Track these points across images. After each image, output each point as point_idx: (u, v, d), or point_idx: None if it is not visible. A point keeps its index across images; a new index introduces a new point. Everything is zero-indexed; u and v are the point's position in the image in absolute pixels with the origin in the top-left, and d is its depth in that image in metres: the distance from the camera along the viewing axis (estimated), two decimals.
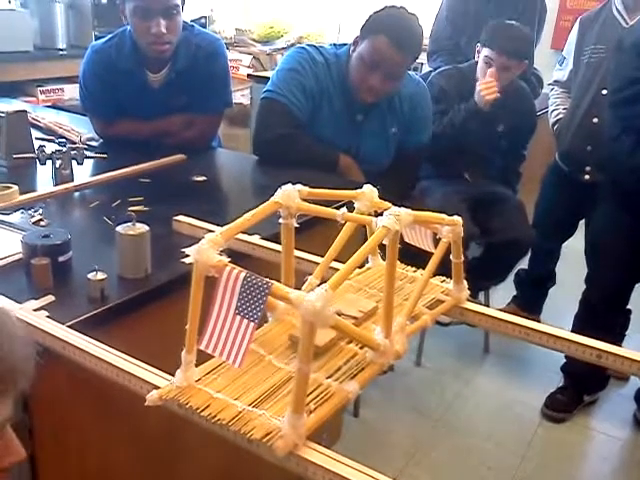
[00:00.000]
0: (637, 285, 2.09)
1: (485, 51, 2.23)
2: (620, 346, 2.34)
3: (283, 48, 4.32)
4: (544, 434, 2.13)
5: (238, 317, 0.69)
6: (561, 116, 2.42)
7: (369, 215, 0.96)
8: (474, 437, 2.09)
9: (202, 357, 0.77)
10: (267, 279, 0.69)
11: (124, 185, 1.57)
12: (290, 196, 0.88)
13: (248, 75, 3.78)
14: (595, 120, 2.25)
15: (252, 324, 0.69)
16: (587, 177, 2.34)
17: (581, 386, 2.24)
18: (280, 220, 0.90)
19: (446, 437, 2.08)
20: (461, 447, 2.04)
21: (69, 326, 0.90)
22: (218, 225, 0.85)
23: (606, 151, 2.04)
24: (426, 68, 3.03)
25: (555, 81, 2.51)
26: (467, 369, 2.44)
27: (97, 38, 1.98)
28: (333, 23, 4.70)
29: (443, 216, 0.95)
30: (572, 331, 2.11)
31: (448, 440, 2.07)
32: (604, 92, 2.19)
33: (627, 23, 2.19)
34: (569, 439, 2.13)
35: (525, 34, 2.27)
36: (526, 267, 2.71)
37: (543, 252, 2.65)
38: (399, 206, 0.85)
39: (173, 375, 0.75)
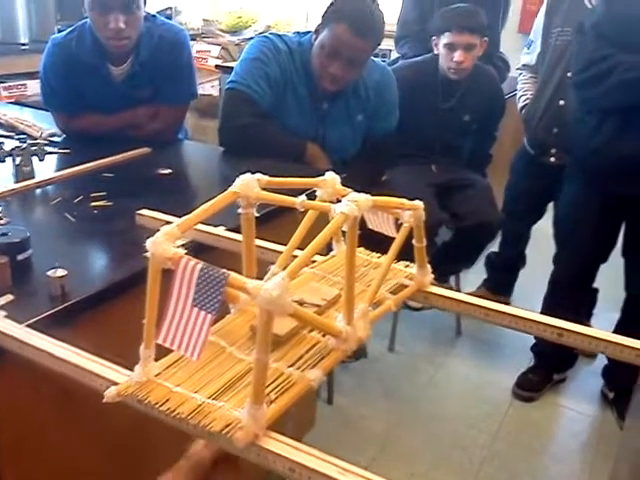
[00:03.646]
0: (605, 265, 2.13)
1: (444, 38, 2.24)
2: (588, 324, 2.40)
3: (251, 38, 4.27)
4: (515, 413, 2.17)
5: (195, 309, 0.69)
6: (529, 101, 2.45)
7: (332, 203, 0.96)
8: (447, 420, 2.12)
9: (165, 351, 0.76)
10: (224, 270, 0.69)
11: (87, 180, 1.54)
12: (249, 185, 0.87)
13: (216, 66, 3.74)
14: (561, 102, 2.28)
15: (210, 316, 0.68)
16: (553, 159, 2.37)
17: (550, 365, 2.29)
18: (239, 210, 0.90)
19: (419, 421, 2.11)
20: (434, 430, 2.07)
21: (29, 325, 0.88)
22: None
23: (571, 133, 2.07)
24: (394, 54, 3.03)
25: (523, 65, 2.53)
26: (439, 353, 2.48)
27: (60, 32, 1.94)
28: (301, 11, 4.67)
29: (403, 201, 0.96)
30: (541, 311, 2.17)
31: (421, 424, 2.09)
32: (570, 75, 2.22)
33: (592, 4, 2.21)
34: (539, 417, 2.17)
35: (476, 9, 2.29)
36: (496, 250, 2.74)
37: (513, 235, 2.69)
38: (366, 193, 0.85)
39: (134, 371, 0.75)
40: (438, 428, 2.08)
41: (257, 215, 0.92)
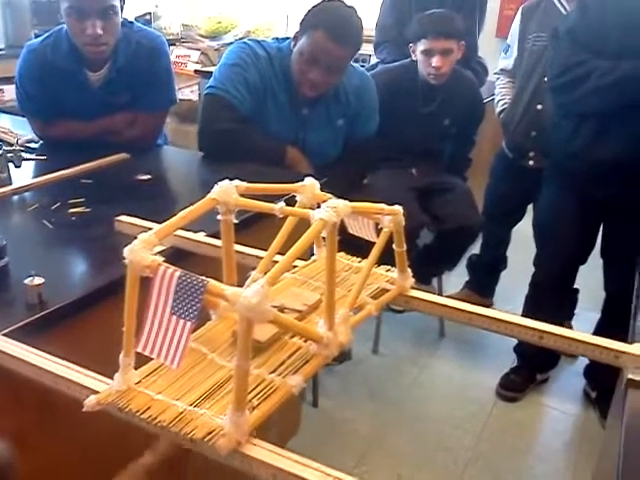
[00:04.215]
0: (584, 266, 2.16)
1: (421, 45, 2.25)
2: (570, 325, 2.42)
3: (231, 43, 4.26)
4: (499, 413, 2.18)
5: (174, 317, 0.68)
6: (507, 105, 2.47)
7: (311, 208, 0.96)
8: (432, 421, 2.13)
9: (145, 360, 0.76)
10: (203, 277, 0.69)
11: (65, 187, 1.53)
12: (227, 192, 0.87)
13: (195, 71, 3.74)
14: (539, 107, 2.30)
15: (189, 324, 0.68)
16: (531, 162, 2.39)
17: (533, 365, 2.31)
18: (218, 217, 0.90)
19: (404, 422, 2.11)
20: (419, 432, 2.07)
21: (5, 334, 0.87)
22: (162, 224, 0.84)
23: (549, 137, 2.09)
24: (374, 59, 3.05)
25: (501, 70, 2.55)
26: (423, 354, 2.48)
27: (37, 36, 1.92)
28: (281, 16, 4.68)
29: (383, 206, 0.96)
30: (523, 312, 2.17)
31: (406, 425, 2.10)
32: (546, 79, 2.25)
33: (566, 10, 2.24)
34: (523, 417, 2.19)
35: (452, 14, 2.31)
36: (478, 252, 2.76)
37: (494, 238, 2.71)
38: (347, 198, 0.85)
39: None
40: (423, 429, 2.09)
41: (236, 222, 0.92)
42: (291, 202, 0.95)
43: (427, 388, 2.30)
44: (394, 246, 1.02)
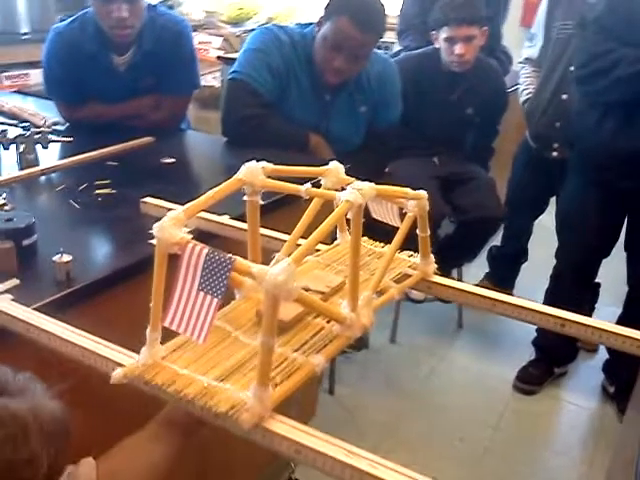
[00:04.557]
0: (606, 259, 2.13)
1: (443, 32, 2.23)
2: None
3: (253, 29, 4.26)
4: (515, 406, 2.18)
5: (202, 293, 0.69)
6: (531, 95, 2.45)
7: (336, 191, 0.96)
8: (447, 411, 2.13)
9: (170, 336, 0.77)
10: (230, 255, 0.69)
11: (91, 168, 1.55)
12: (254, 173, 0.88)
13: (218, 57, 3.73)
14: (564, 97, 2.27)
15: (215, 300, 0.69)
16: (555, 154, 2.37)
17: (551, 359, 2.29)
18: (244, 197, 0.90)
19: (420, 412, 2.12)
20: (435, 421, 2.08)
21: (35, 309, 0.89)
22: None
23: (574, 127, 2.07)
24: (397, 47, 3.03)
25: (526, 59, 2.52)
26: (441, 345, 2.48)
27: (61, 21, 1.94)
28: (302, 3, 4.65)
29: (407, 190, 0.96)
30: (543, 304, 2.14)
31: (422, 415, 2.10)
32: (572, 68, 2.22)
33: None
34: (539, 410, 2.18)
35: (473, 1, 2.28)
36: (498, 244, 2.75)
37: (515, 229, 2.69)
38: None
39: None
40: (439, 419, 2.09)
41: (261, 203, 0.93)
42: (314, 187, 0.95)
43: (444, 379, 2.30)
44: (418, 231, 1.02)
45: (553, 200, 2.50)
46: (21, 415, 0.63)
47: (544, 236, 2.53)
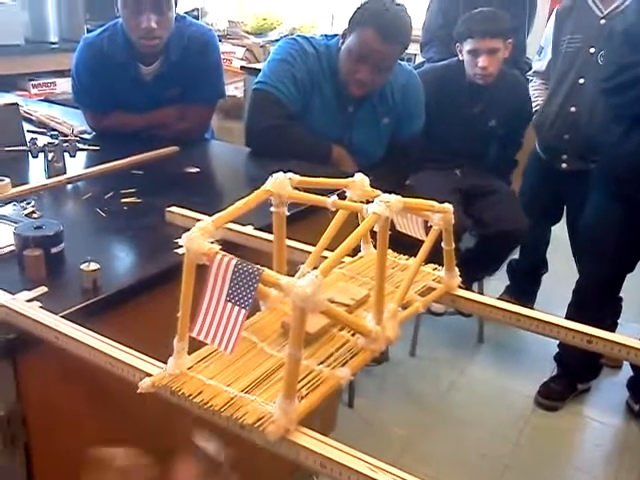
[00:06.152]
0: (629, 274, 2.11)
1: (467, 44, 2.24)
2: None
3: (276, 40, 4.30)
4: (537, 422, 2.15)
5: (229, 304, 0.70)
6: (539, 107, 2.45)
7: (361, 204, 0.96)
8: (468, 425, 2.11)
9: (196, 346, 0.77)
10: (258, 266, 0.70)
11: (117, 177, 1.57)
12: (281, 184, 0.88)
13: (241, 67, 3.77)
14: (573, 109, 2.28)
15: (243, 311, 0.69)
16: (564, 165, 2.37)
17: (574, 375, 2.26)
18: (271, 209, 0.91)
19: (440, 426, 2.10)
20: (455, 435, 2.05)
21: (62, 316, 0.90)
22: (211, 216, 0.85)
23: (585, 140, 2.06)
24: (419, 59, 3.03)
25: (534, 72, 2.54)
26: (461, 359, 2.46)
27: (89, 31, 1.98)
28: (326, 14, 4.69)
29: (434, 203, 0.96)
30: (565, 318, 2.12)
31: (442, 429, 2.08)
32: (581, 81, 2.24)
33: (602, 12, 2.21)
34: (562, 426, 2.15)
35: (498, 13, 2.28)
36: (517, 257, 2.72)
37: (531, 240, 2.66)
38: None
39: (166, 364, 0.76)
40: (459, 434, 2.07)
41: (288, 214, 0.93)
42: (339, 199, 0.96)
43: (464, 393, 2.28)
44: (443, 244, 1.02)
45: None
46: None
47: (566, 249, 2.50)
